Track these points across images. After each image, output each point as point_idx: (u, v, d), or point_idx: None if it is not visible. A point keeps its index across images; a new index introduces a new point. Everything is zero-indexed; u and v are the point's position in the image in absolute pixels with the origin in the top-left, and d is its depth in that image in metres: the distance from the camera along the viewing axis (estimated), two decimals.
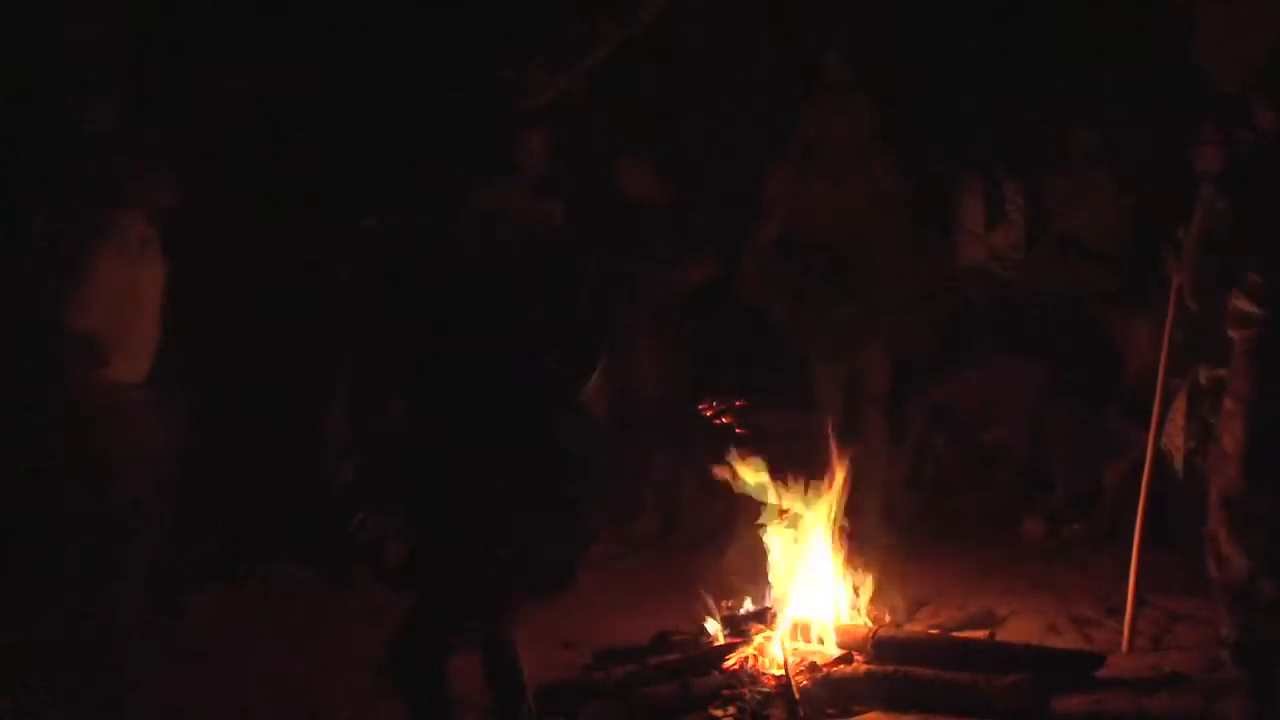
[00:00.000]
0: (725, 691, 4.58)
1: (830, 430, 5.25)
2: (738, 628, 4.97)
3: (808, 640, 4.88)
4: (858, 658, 4.73)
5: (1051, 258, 6.65)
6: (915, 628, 5.16)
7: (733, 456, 5.21)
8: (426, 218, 4.20)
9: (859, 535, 5.25)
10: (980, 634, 5.12)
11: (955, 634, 5.09)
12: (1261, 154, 4.39)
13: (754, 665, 4.73)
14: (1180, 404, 5.08)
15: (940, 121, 6.93)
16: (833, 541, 5.09)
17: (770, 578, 5.12)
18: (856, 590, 5.08)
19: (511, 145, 6.47)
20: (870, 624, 4.93)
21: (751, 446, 5.30)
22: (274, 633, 5.34)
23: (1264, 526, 4.32)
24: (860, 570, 5.13)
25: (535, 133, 6.50)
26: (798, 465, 5.24)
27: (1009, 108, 6.89)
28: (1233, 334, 4.41)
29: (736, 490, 5.19)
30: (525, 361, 3.88)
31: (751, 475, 5.17)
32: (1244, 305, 4.35)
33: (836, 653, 4.79)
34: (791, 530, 5.12)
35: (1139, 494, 5.10)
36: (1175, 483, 5.20)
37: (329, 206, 5.75)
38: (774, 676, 4.62)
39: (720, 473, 5.22)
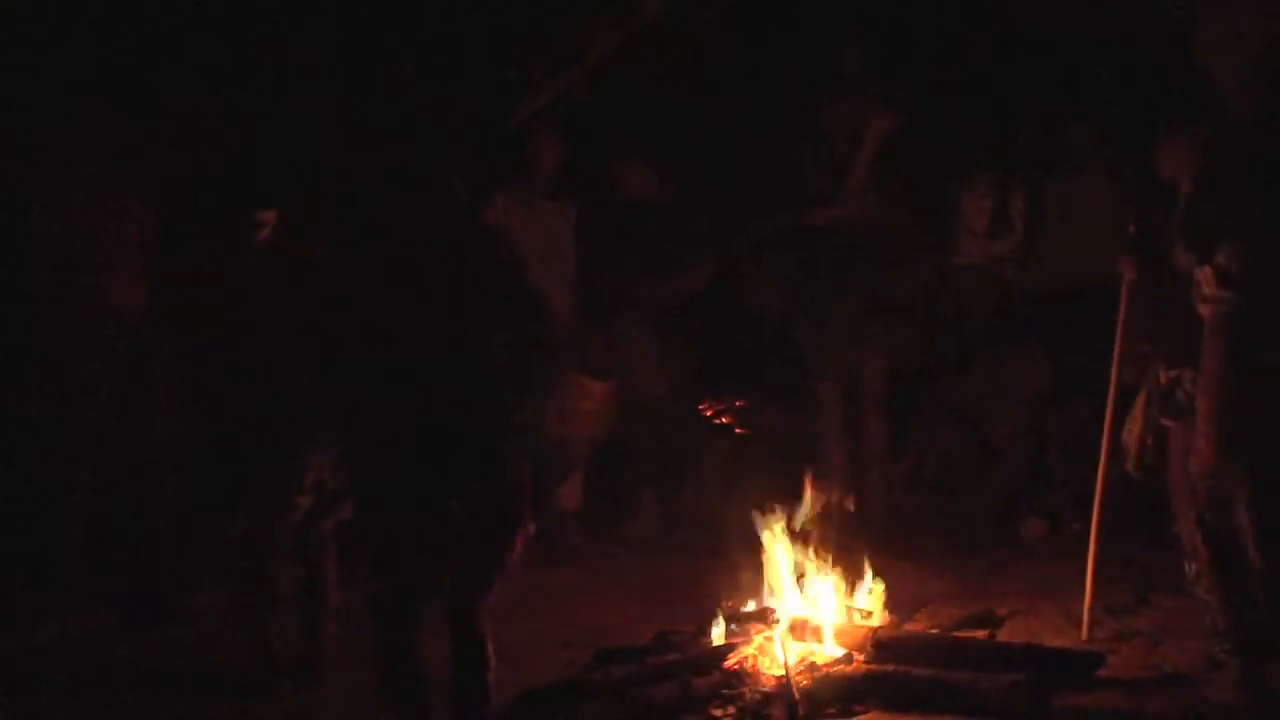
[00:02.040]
0: (725, 691, 4.58)
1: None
2: (738, 628, 4.97)
3: (808, 640, 4.88)
4: (858, 658, 4.73)
5: (1050, 257, 6.66)
6: (915, 628, 5.16)
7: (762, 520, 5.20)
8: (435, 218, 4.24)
9: (860, 535, 5.25)
10: (980, 634, 5.12)
11: (955, 634, 5.09)
12: (1238, 146, 4.48)
13: (754, 665, 4.73)
14: (1140, 401, 5.16)
15: (941, 122, 6.93)
16: (828, 541, 5.11)
17: (770, 577, 5.12)
18: (856, 590, 5.10)
19: (521, 149, 6.48)
20: (870, 624, 4.93)
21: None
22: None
23: (1238, 500, 4.38)
24: (860, 570, 5.13)
25: (544, 136, 6.50)
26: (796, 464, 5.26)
27: (1010, 108, 6.90)
28: (1203, 312, 4.47)
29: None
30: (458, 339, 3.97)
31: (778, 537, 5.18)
32: (1213, 288, 4.43)
33: (836, 653, 4.79)
34: (791, 530, 5.13)
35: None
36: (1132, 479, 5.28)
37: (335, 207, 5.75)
38: (774, 676, 4.61)
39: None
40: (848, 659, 4.73)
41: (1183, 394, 4.86)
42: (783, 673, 4.58)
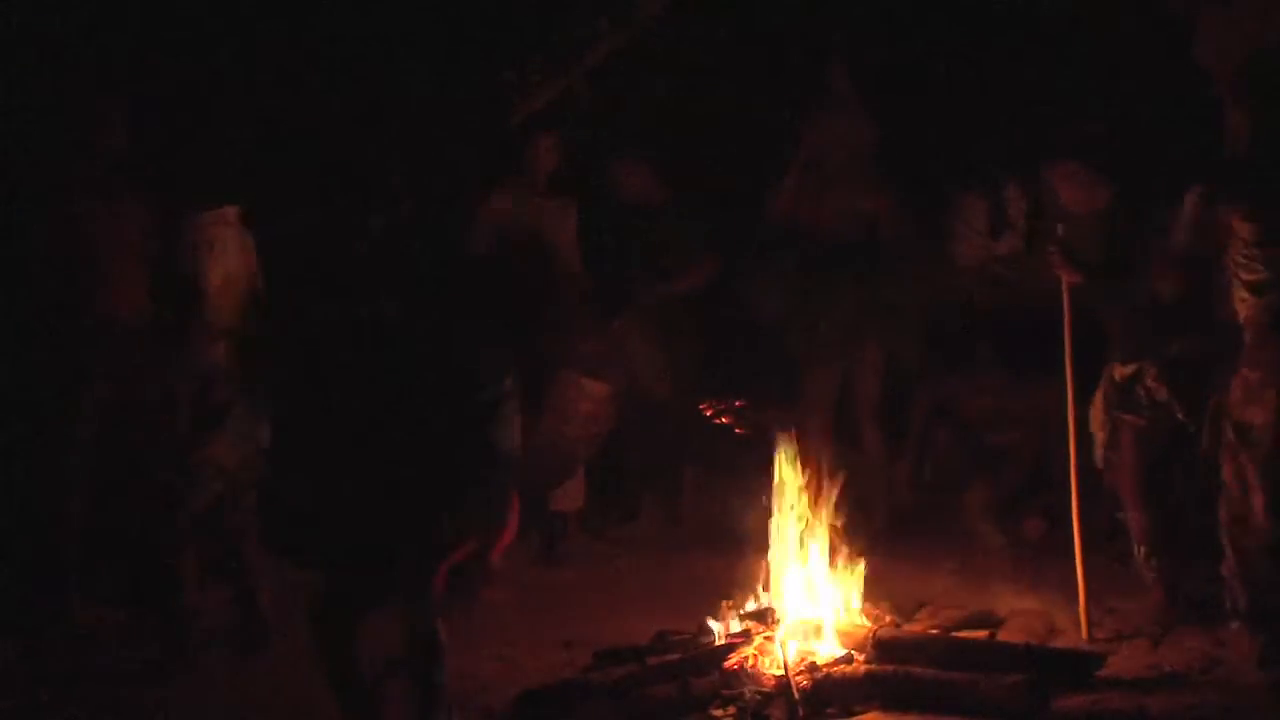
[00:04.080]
0: (725, 691, 4.58)
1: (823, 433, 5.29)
2: (738, 628, 4.96)
3: (808, 640, 4.88)
4: (858, 658, 4.73)
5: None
6: (915, 628, 5.16)
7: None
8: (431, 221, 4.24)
9: (860, 535, 5.25)
10: (980, 634, 5.12)
11: (955, 634, 5.10)
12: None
13: (754, 665, 4.73)
14: (1098, 399, 5.28)
15: (940, 125, 6.93)
16: (831, 541, 5.11)
17: (770, 577, 5.12)
18: (856, 590, 5.10)
19: (521, 151, 6.48)
20: (870, 624, 4.93)
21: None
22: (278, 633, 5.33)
23: (1255, 488, 4.48)
24: (860, 570, 5.13)
25: (545, 138, 6.50)
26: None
27: (1008, 111, 6.89)
28: (1245, 306, 4.52)
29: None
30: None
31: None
32: (1255, 275, 4.47)
33: (836, 653, 4.79)
34: (791, 529, 5.13)
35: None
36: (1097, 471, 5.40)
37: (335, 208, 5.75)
38: (774, 676, 4.62)
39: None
40: (848, 659, 4.73)
41: (1142, 389, 5.05)
42: (783, 673, 4.58)
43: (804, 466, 5.18)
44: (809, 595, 5.05)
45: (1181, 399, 5.05)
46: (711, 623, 5.00)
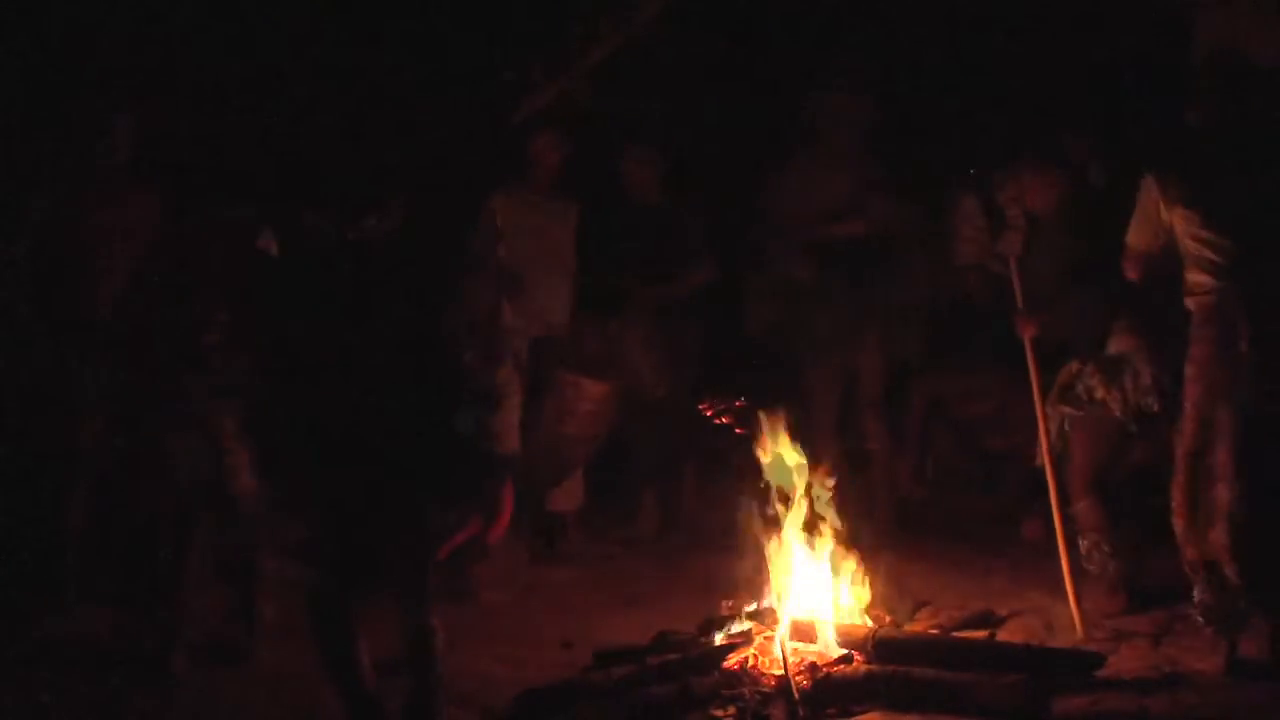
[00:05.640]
0: (725, 691, 4.57)
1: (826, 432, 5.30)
2: (738, 627, 4.97)
3: (808, 640, 4.88)
4: (858, 658, 4.74)
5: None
6: (915, 628, 5.17)
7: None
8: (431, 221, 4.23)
9: (861, 535, 5.25)
10: (980, 634, 5.12)
11: (955, 634, 5.10)
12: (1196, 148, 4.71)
13: (754, 665, 4.73)
14: (1052, 396, 5.46)
15: (939, 125, 6.94)
16: (833, 540, 5.11)
17: (770, 578, 5.12)
18: (857, 590, 5.10)
19: (522, 149, 6.48)
20: (870, 624, 4.94)
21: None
22: (281, 633, 5.34)
23: (1219, 479, 4.56)
24: (861, 570, 5.13)
25: (545, 135, 6.50)
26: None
27: (1007, 111, 6.91)
28: (1189, 304, 4.65)
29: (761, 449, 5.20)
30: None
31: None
32: (1198, 277, 4.60)
33: (836, 653, 4.79)
34: (791, 530, 5.13)
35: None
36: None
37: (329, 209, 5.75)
38: (774, 676, 4.62)
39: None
40: (848, 659, 4.73)
41: (1082, 387, 5.33)
42: (783, 673, 4.58)
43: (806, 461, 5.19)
44: (810, 595, 5.05)
45: (1119, 396, 5.27)
46: (711, 622, 5.00)
